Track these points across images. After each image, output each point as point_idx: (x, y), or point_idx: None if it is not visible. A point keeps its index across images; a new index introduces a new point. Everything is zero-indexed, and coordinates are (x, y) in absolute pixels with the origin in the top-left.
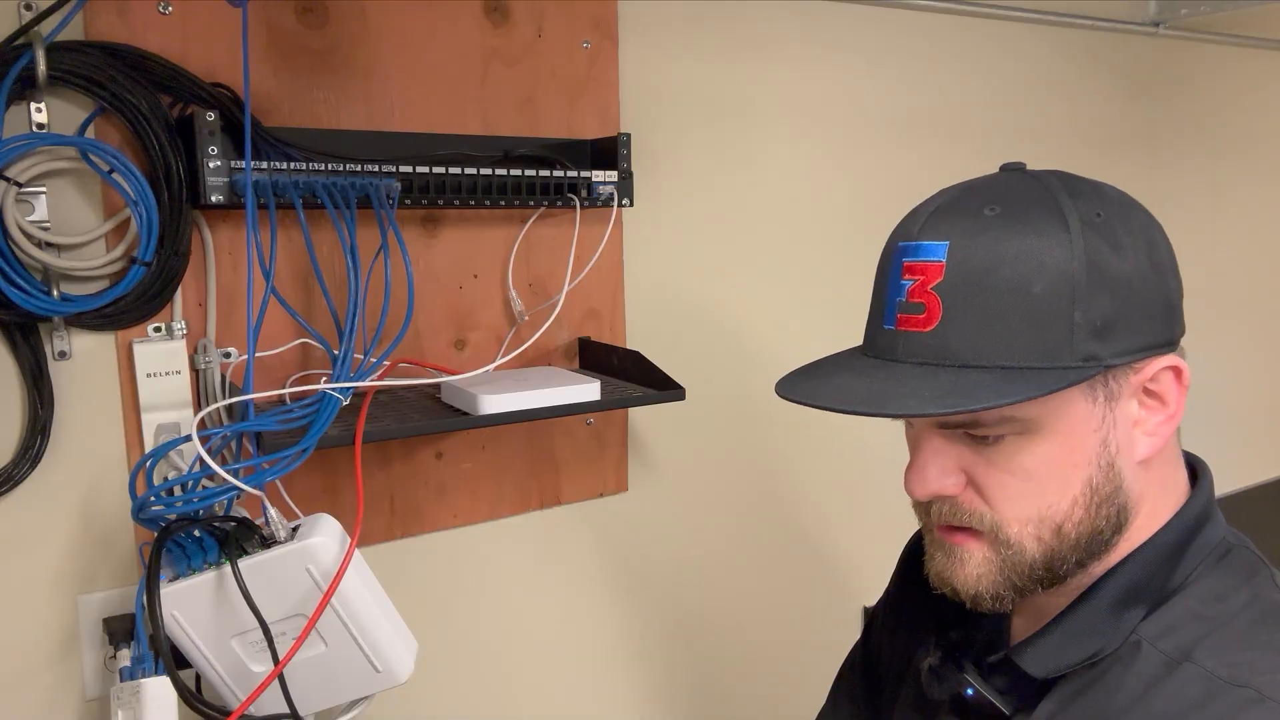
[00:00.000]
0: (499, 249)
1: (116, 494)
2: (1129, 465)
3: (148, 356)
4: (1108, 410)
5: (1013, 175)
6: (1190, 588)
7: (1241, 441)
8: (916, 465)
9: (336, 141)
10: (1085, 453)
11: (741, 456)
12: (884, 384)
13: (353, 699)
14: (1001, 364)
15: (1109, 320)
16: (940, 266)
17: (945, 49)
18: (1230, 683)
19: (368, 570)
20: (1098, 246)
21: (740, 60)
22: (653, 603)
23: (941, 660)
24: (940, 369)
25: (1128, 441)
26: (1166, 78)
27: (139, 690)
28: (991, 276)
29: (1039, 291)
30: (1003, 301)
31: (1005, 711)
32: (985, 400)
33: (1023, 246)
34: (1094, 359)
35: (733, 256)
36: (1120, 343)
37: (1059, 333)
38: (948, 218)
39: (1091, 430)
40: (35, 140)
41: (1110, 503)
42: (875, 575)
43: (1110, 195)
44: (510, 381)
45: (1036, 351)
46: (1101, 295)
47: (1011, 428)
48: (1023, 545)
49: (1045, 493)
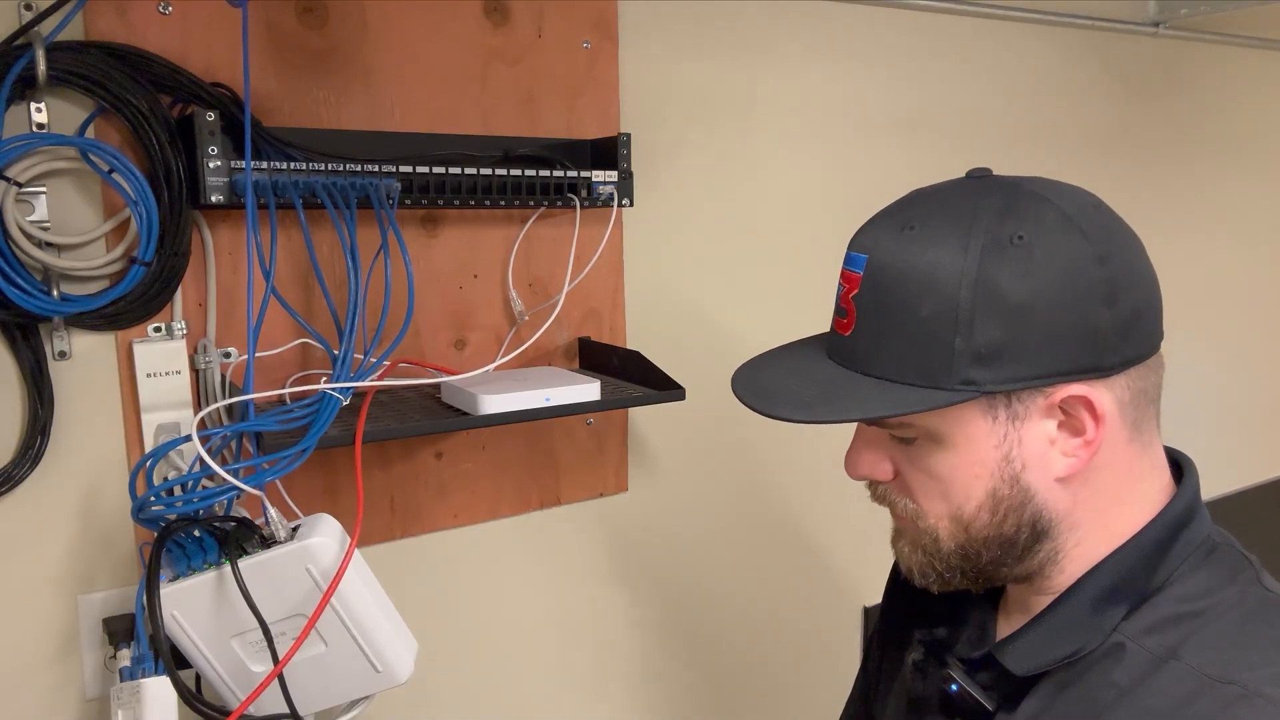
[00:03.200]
0: (499, 249)
1: (116, 494)
2: (1042, 481)
3: (148, 356)
4: (1010, 428)
5: (962, 185)
6: (1173, 586)
7: (1241, 441)
8: (851, 449)
9: (336, 141)
10: (987, 465)
11: (741, 456)
12: (797, 382)
13: (353, 699)
14: (890, 377)
15: (997, 347)
16: (858, 277)
17: (945, 49)
18: (1217, 679)
19: (368, 570)
20: (997, 272)
21: (740, 60)
22: (653, 602)
23: (925, 656)
24: (849, 373)
25: (1040, 459)
26: (1166, 78)
27: (139, 690)
28: (891, 294)
29: (925, 315)
30: (897, 319)
31: (989, 708)
32: (842, 413)
33: (921, 268)
34: (972, 384)
35: (733, 256)
36: (1009, 370)
37: (940, 356)
38: (874, 230)
39: (992, 446)
40: (35, 140)
41: (1019, 513)
42: (874, 575)
43: (1051, 216)
44: (510, 381)
45: (917, 371)
46: (990, 322)
47: (914, 433)
48: (937, 535)
49: (952, 494)
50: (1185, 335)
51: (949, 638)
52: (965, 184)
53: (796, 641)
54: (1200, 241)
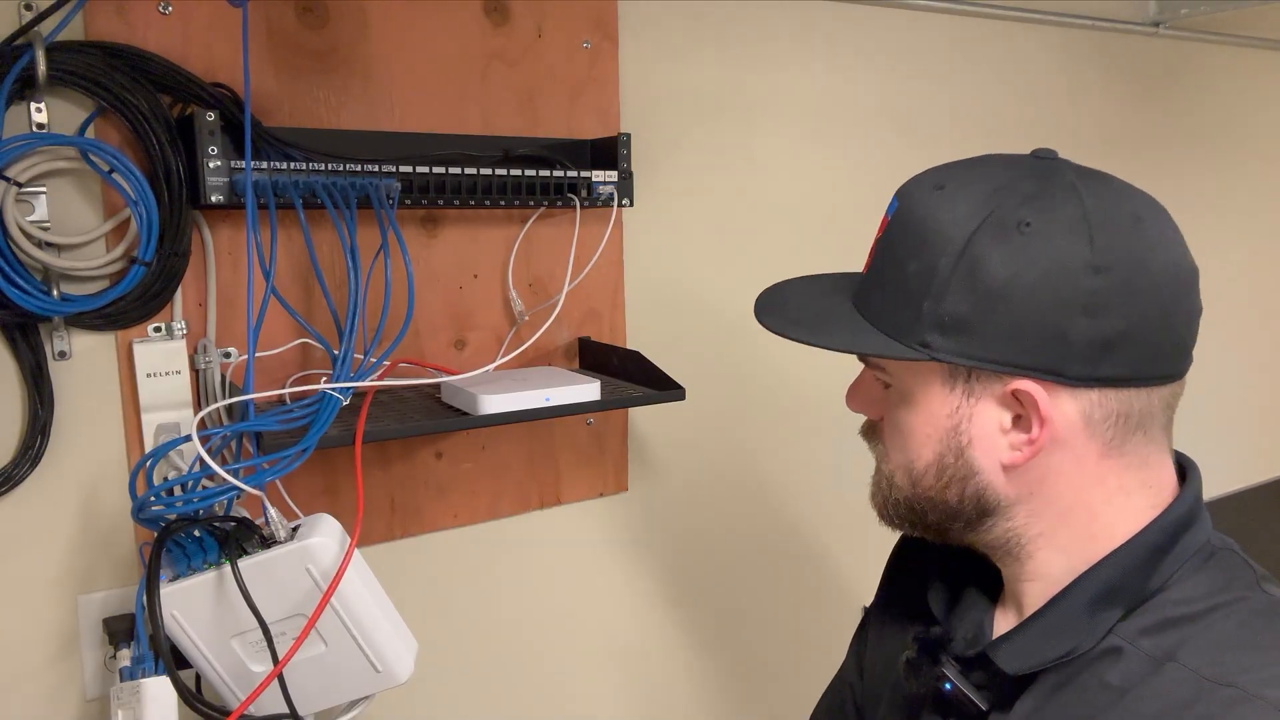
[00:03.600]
0: (499, 249)
1: (116, 494)
2: (986, 462)
3: (148, 356)
4: (964, 402)
5: (1012, 161)
6: (1171, 589)
7: (1240, 442)
8: (853, 384)
9: (336, 141)
10: (937, 430)
11: (741, 456)
12: (804, 301)
13: (353, 699)
14: (870, 320)
15: (962, 320)
16: (886, 223)
17: (945, 49)
18: (1216, 682)
19: (368, 570)
20: (988, 252)
21: (740, 60)
22: (653, 602)
23: (918, 654)
24: (849, 309)
25: (988, 440)
26: (1166, 78)
27: (139, 690)
28: (894, 245)
29: (911, 271)
30: (891, 269)
31: (982, 707)
32: (816, 339)
33: (925, 226)
34: (926, 347)
35: (733, 256)
36: (970, 346)
37: (909, 313)
38: (914, 182)
39: (945, 414)
40: (35, 140)
41: (962, 485)
42: (874, 575)
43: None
44: (510, 381)
45: (890, 321)
46: (961, 295)
47: (889, 379)
48: (892, 480)
49: (908, 448)
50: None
51: (944, 636)
52: (1018, 161)
53: (796, 642)
54: (1200, 241)
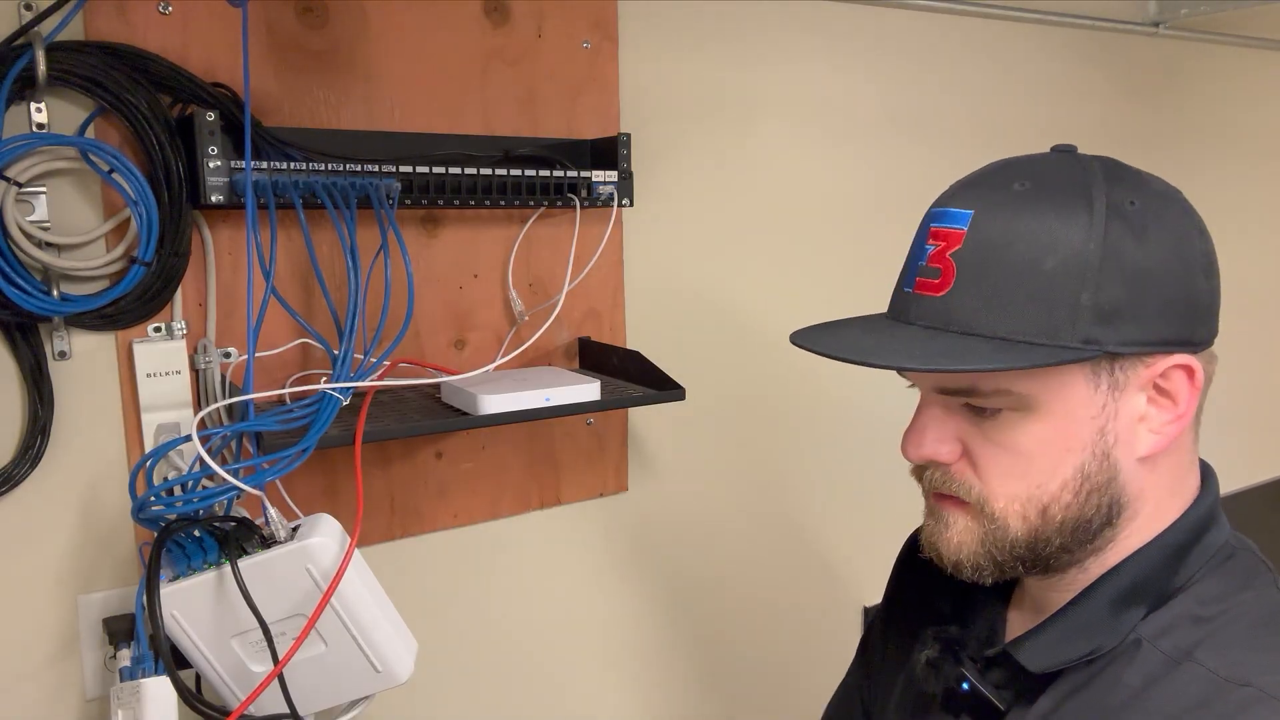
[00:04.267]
0: (499, 249)
1: (116, 494)
2: (1127, 459)
3: (148, 356)
4: (1110, 399)
5: (1058, 155)
6: (1191, 589)
7: (1241, 441)
8: (915, 428)
9: (336, 141)
10: (1080, 438)
11: (742, 456)
12: (881, 340)
13: (353, 699)
14: (1002, 335)
15: (1118, 307)
16: (961, 234)
17: (945, 48)
18: (1232, 682)
19: (368, 570)
20: (1119, 233)
21: (740, 60)
22: (653, 602)
23: (940, 653)
24: (944, 333)
25: (1129, 435)
26: (1166, 78)
27: (139, 690)
28: (1007, 249)
29: (1049, 268)
30: (1013, 274)
31: (1000, 707)
32: (969, 363)
33: (1042, 224)
34: (1095, 342)
35: (733, 256)
36: (1127, 332)
37: (1063, 311)
38: (978, 188)
39: (1090, 416)
40: (35, 140)
41: (1102, 493)
42: (876, 575)
43: (1152, 188)
44: (510, 381)
45: (1038, 327)
46: (1113, 281)
47: (1007, 401)
48: (1007, 521)
49: (1035, 472)
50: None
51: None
52: (1059, 155)
53: (797, 642)
54: None
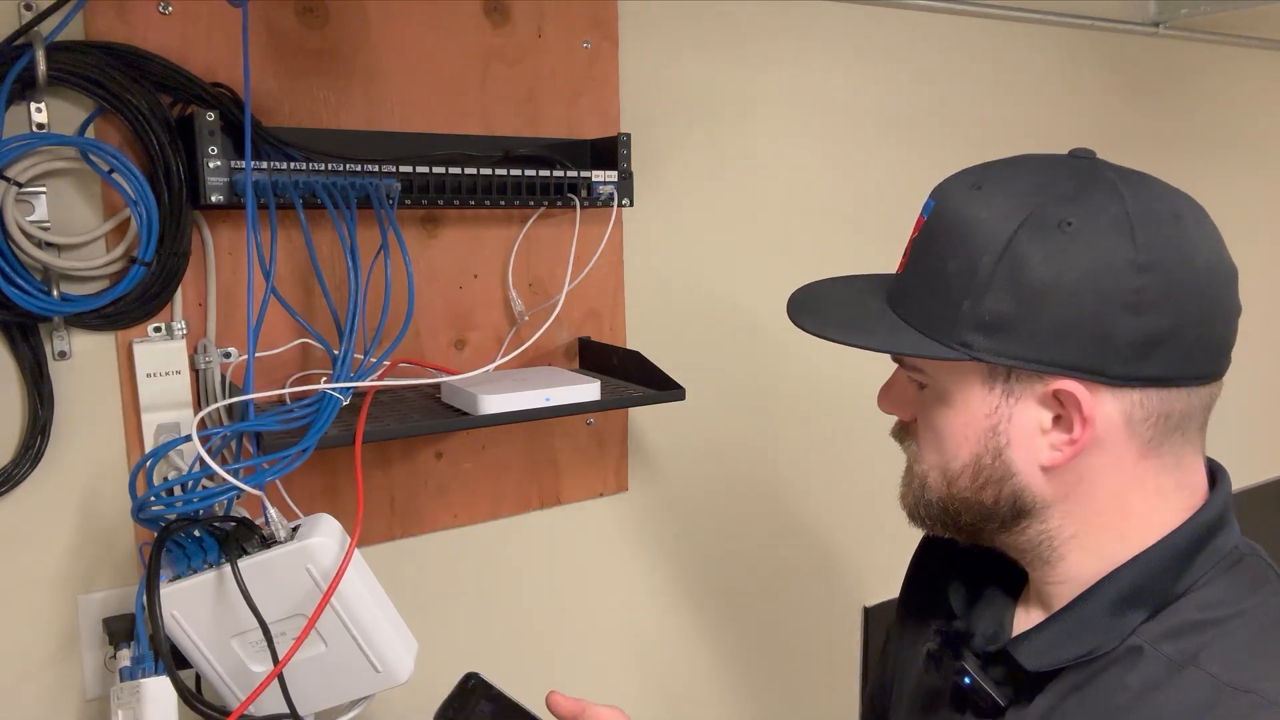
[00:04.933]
0: (499, 249)
1: (116, 494)
2: (1025, 463)
3: (148, 356)
4: (1004, 403)
5: (1050, 161)
6: (1196, 593)
7: (1241, 441)
8: (885, 385)
9: (336, 141)
10: (975, 430)
11: (742, 456)
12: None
13: (353, 699)
14: (907, 320)
15: (1003, 320)
16: (922, 222)
17: (945, 48)
18: (1236, 688)
19: (368, 570)
20: (1030, 251)
21: (740, 60)
22: (653, 602)
23: (940, 646)
24: (884, 309)
25: (1028, 442)
26: (1166, 78)
27: (139, 690)
28: (934, 244)
29: (950, 270)
30: (929, 268)
31: (1000, 703)
32: (860, 340)
33: (963, 225)
34: (966, 346)
35: (733, 256)
36: (1008, 345)
37: (948, 312)
38: (951, 181)
39: (984, 414)
40: (35, 140)
41: (997, 486)
42: (876, 575)
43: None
44: (510, 381)
45: (928, 320)
46: (1002, 295)
47: (925, 379)
48: (926, 482)
49: (943, 449)
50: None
51: (966, 630)
52: (1056, 161)
53: (797, 642)
54: None
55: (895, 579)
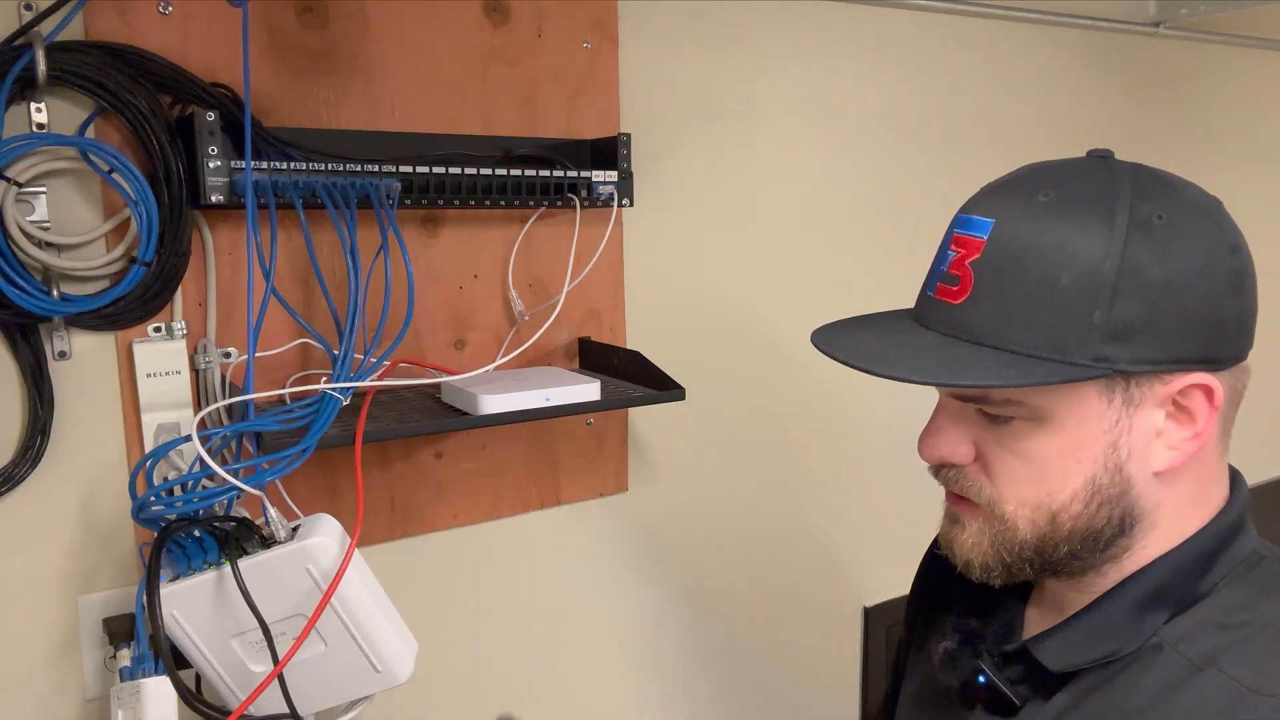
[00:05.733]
0: (499, 249)
1: (116, 494)
2: (1141, 473)
3: (148, 356)
4: (1124, 414)
5: (1089, 163)
6: (1217, 596)
7: (1240, 441)
8: (930, 429)
9: (336, 141)
10: (1092, 450)
11: (742, 456)
12: (893, 347)
13: (353, 699)
14: (1013, 348)
15: (1133, 325)
16: (980, 243)
17: (945, 48)
18: (1255, 691)
19: (368, 570)
20: (1140, 249)
21: (740, 60)
22: (653, 602)
23: (959, 645)
24: (957, 341)
25: (1144, 449)
26: (1166, 78)
27: (139, 690)
28: (1024, 262)
29: (1064, 284)
30: (1029, 288)
31: (1016, 702)
32: (972, 378)
33: (1061, 237)
34: (1105, 360)
35: (733, 256)
36: (1142, 350)
37: (1075, 328)
38: (1002, 196)
39: (1102, 430)
40: (35, 140)
41: (1114, 505)
42: (877, 575)
43: (1184, 199)
44: (510, 381)
45: (1048, 343)
46: (1130, 299)
47: (1018, 411)
48: (1015, 524)
49: (1046, 480)
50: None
51: (979, 629)
52: (1092, 162)
53: (797, 642)
54: None
55: (895, 579)
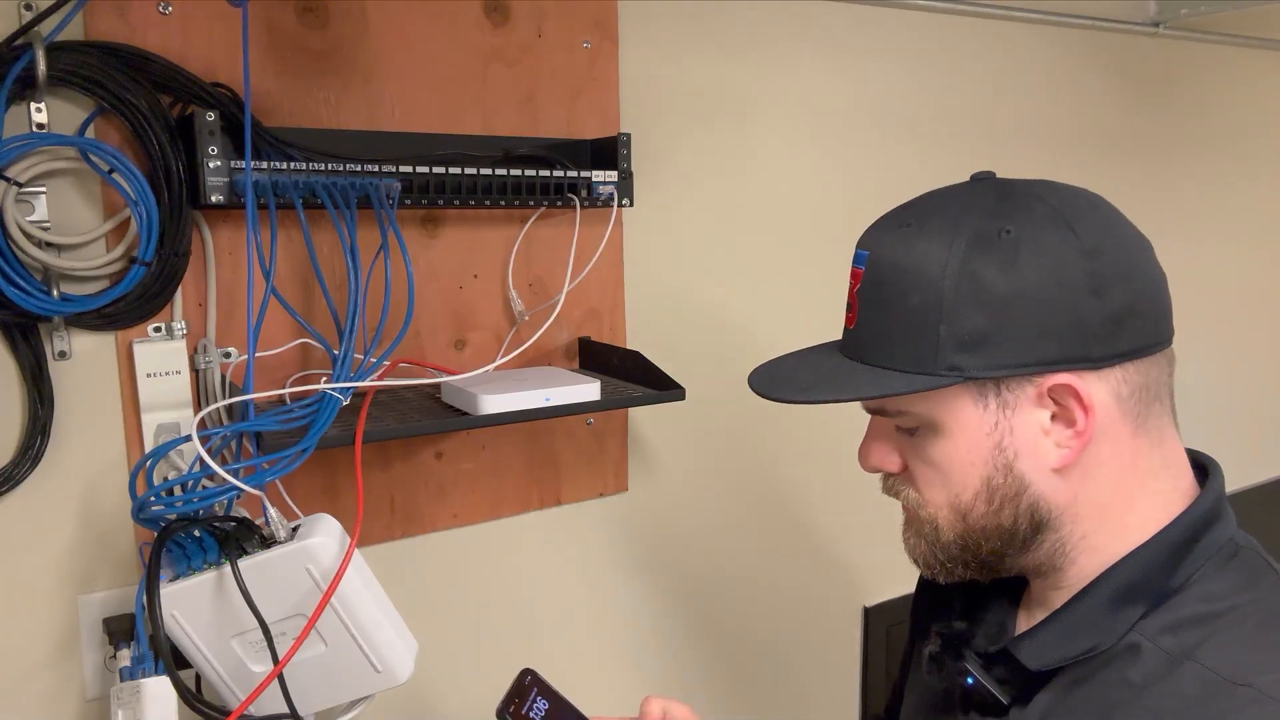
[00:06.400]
0: (499, 249)
1: (116, 494)
2: (1037, 471)
3: (148, 356)
4: (1001, 417)
5: (959, 187)
6: (1193, 588)
7: (1240, 441)
8: (863, 442)
9: (336, 141)
10: (980, 452)
11: (741, 456)
12: (802, 372)
13: (353, 699)
14: (883, 364)
15: (982, 334)
16: (860, 273)
17: (945, 49)
18: (1232, 681)
19: (368, 570)
20: (982, 264)
21: (740, 60)
22: (653, 602)
23: (941, 648)
24: (848, 362)
25: (1032, 448)
26: (1166, 78)
27: (139, 690)
28: (885, 287)
29: (914, 303)
30: (890, 309)
31: (1003, 701)
32: (844, 394)
33: (911, 260)
34: (956, 369)
35: (733, 256)
36: (995, 357)
37: (927, 342)
38: (878, 228)
39: (984, 434)
40: (35, 140)
41: (1015, 502)
42: (876, 575)
43: (1038, 213)
44: (510, 381)
45: (909, 357)
46: (973, 311)
47: (912, 420)
48: (937, 524)
49: (950, 483)
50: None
51: (967, 631)
52: (965, 185)
53: (797, 641)
54: (1200, 241)
55: (895, 579)
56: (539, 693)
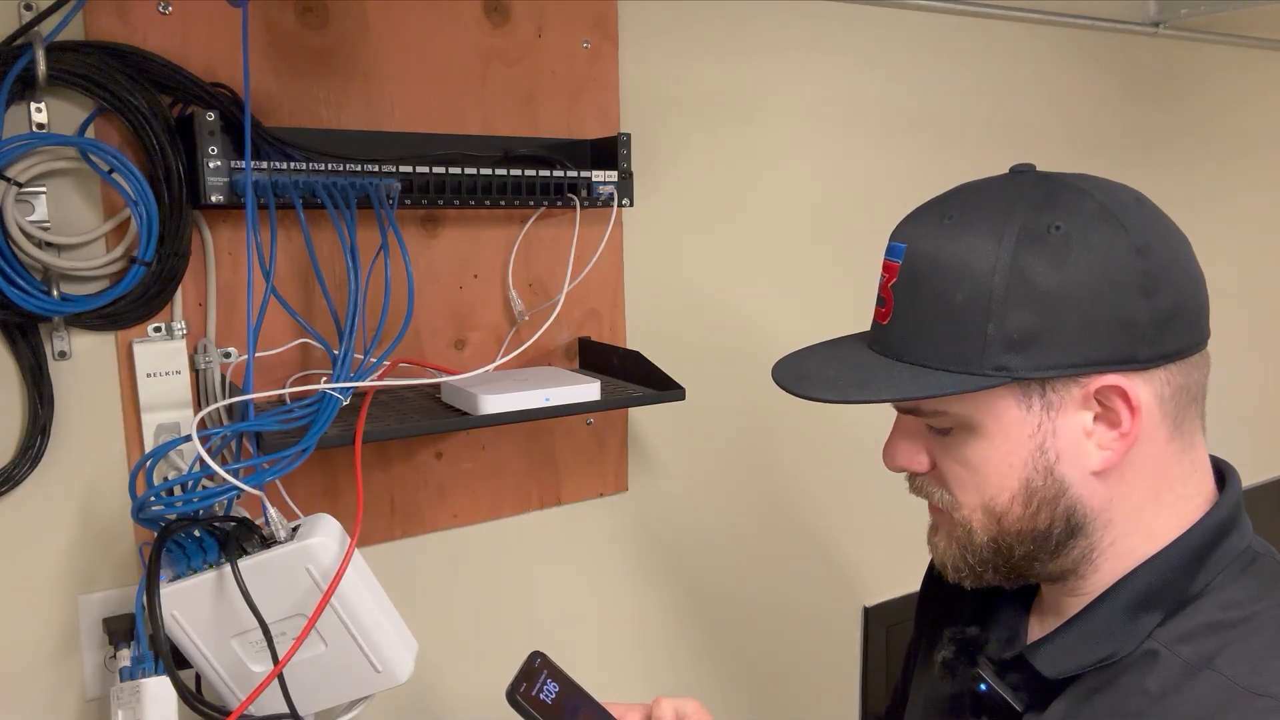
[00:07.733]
0: (499, 249)
1: (116, 494)
2: (1077, 474)
3: (148, 356)
4: (1045, 418)
5: (1001, 179)
6: (1211, 595)
7: (1241, 441)
8: (889, 441)
9: (336, 141)
10: (1021, 455)
11: (742, 456)
12: (834, 368)
13: (353, 699)
14: (924, 363)
15: (1030, 334)
16: (897, 267)
17: (945, 49)
18: (1252, 691)
19: (368, 570)
20: (1031, 261)
21: (740, 60)
22: (653, 603)
23: (955, 654)
24: (882, 359)
25: (1075, 451)
26: (1166, 78)
27: (139, 690)
28: (926, 282)
29: (959, 301)
30: (931, 306)
31: (1017, 708)
32: (883, 393)
33: (956, 256)
34: (1004, 369)
35: (733, 255)
36: (1044, 357)
37: (973, 341)
38: (916, 220)
39: (1026, 435)
40: (35, 140)
41: (1052, 506)
42: (876, 575)
43: (1087, 208)
44: (510, 381)
45: (952, 356)
46: (1022, 310)
47: (949, 421)
48: (970, 527)
49: (986, 485)
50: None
51: (980, 637)
52: (1007, 178)
53: (796, 642)
54: (1201, 241)
55: (895, 579)
56: (549, 675)
